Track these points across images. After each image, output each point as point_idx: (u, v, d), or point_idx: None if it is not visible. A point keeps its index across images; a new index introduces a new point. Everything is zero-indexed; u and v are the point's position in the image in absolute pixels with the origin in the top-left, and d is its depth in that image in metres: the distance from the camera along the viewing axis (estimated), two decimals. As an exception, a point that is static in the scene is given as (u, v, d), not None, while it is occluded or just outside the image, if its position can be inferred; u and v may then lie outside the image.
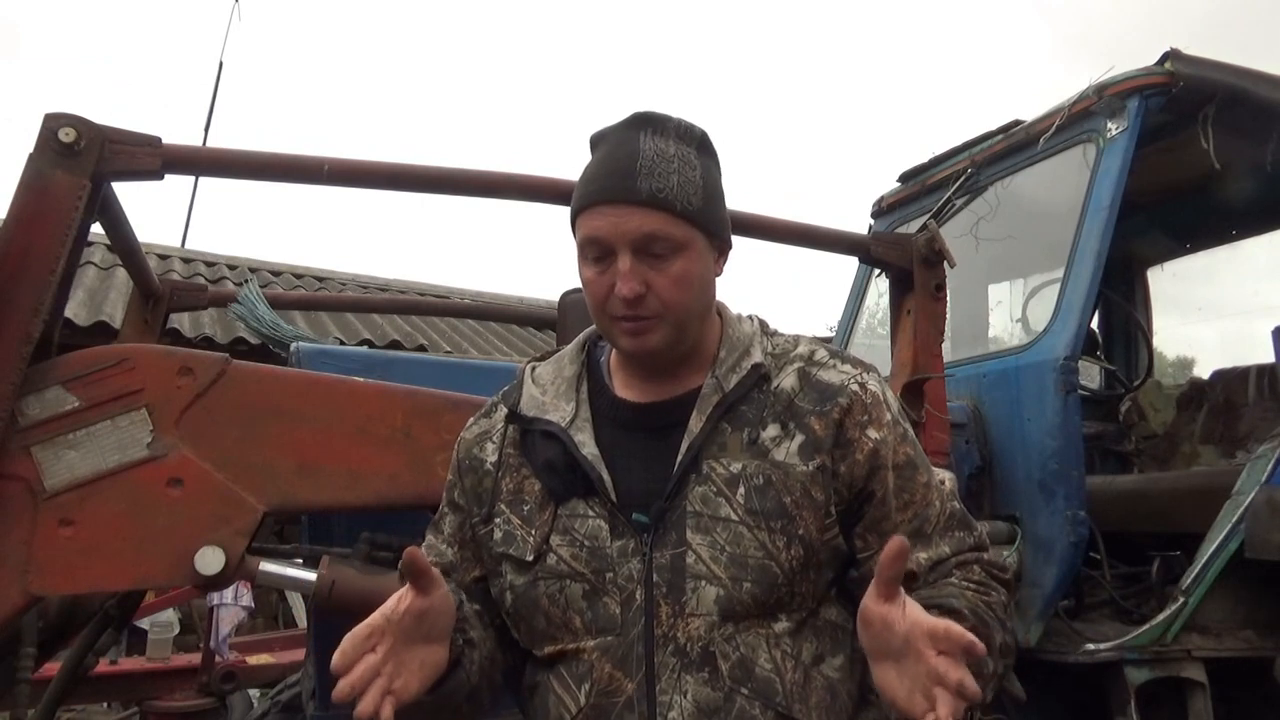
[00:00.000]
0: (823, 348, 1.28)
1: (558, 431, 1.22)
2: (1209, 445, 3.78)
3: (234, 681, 3.94)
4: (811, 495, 1.16)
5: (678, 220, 1.14)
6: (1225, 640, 2.65)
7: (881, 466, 1.19)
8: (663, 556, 1.15)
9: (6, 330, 1.57)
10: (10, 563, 1.57)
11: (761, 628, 1.14)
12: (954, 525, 1.25)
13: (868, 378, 1.24)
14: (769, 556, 1.14)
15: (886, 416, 1.22)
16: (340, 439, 1.75)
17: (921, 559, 1.21)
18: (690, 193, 1.16)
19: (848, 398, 1.20)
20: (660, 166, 1.15)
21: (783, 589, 1.14)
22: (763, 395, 1.21)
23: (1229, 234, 3.99)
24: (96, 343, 1.84)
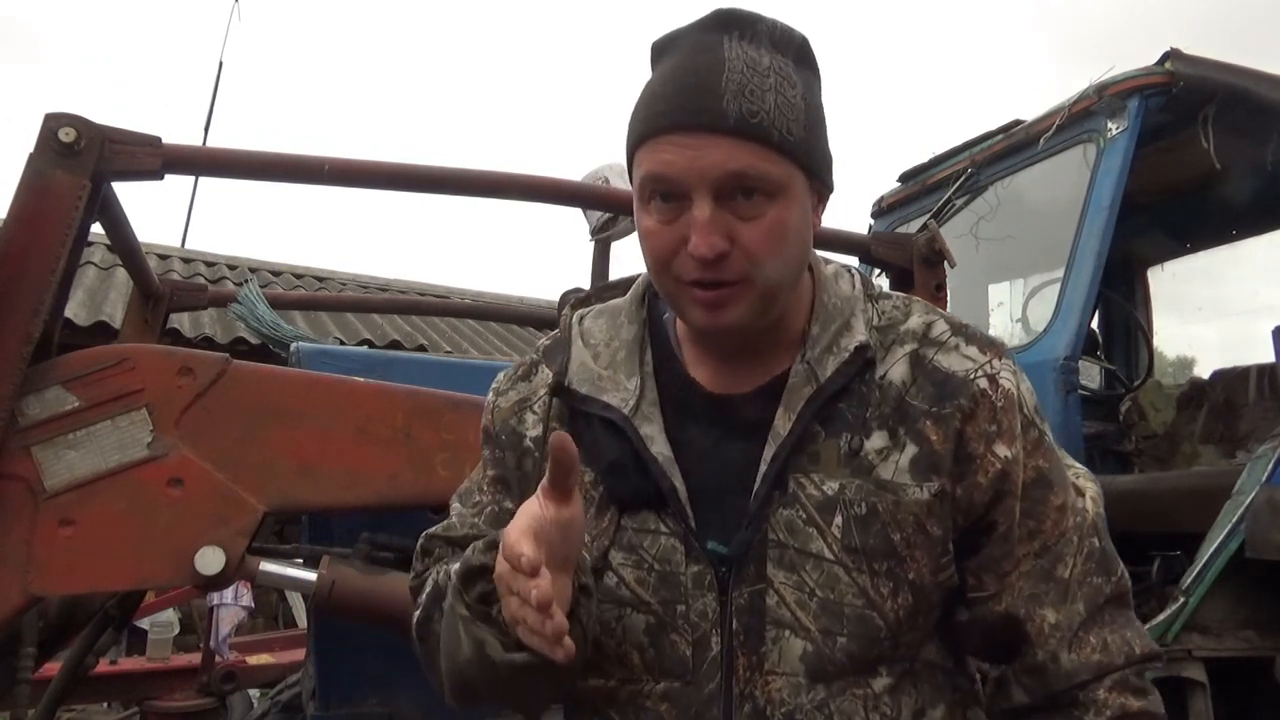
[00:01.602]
0: (941, 319, 0.99)
1: (620, 421, 0.96)
2: (1209, 445, 3.78)
3: (234, 681, 3.94)
4: (927, 530, 0.92)
5: (775, 155, 0.87)
6: (1225, 640, 2.64)
7: (1009, 493, 0.94)
8: (741, 595, 0.92)
9: (6, 330, 1.57)
10: (10, 563, 1.57)
11: (858, 688, 0.92)
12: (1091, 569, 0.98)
13: (1000, 365, 0.96)
14: (870, 605, 0.90)
15: (1020, 423, 0.95)
16: (340, 439, 1.75)
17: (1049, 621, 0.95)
18: (791, 118, 0.87)
19: (972, 399, 0.93)
20: (753, 83, 0.86)
21: (885, 643, 0.92)
22: (867, 388, 0.94)
23: (1229, 234, 3.99)
24: (96, 343, 1.84)
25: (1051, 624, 0.95)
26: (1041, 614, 0.95)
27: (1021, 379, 0.98)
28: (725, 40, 0.89)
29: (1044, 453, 0.98)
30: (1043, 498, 0.96)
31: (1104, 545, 1.00)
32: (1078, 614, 0.96)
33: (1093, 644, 0.96)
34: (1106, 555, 1.00)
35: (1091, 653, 0.96)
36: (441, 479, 1.78)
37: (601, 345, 1.02)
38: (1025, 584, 0.96)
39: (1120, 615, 0.98)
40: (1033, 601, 0.96)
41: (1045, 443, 0.98)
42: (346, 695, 2.06)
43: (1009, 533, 0.95)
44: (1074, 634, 0.96)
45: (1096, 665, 0.95)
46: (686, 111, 0.87)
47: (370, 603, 1.71)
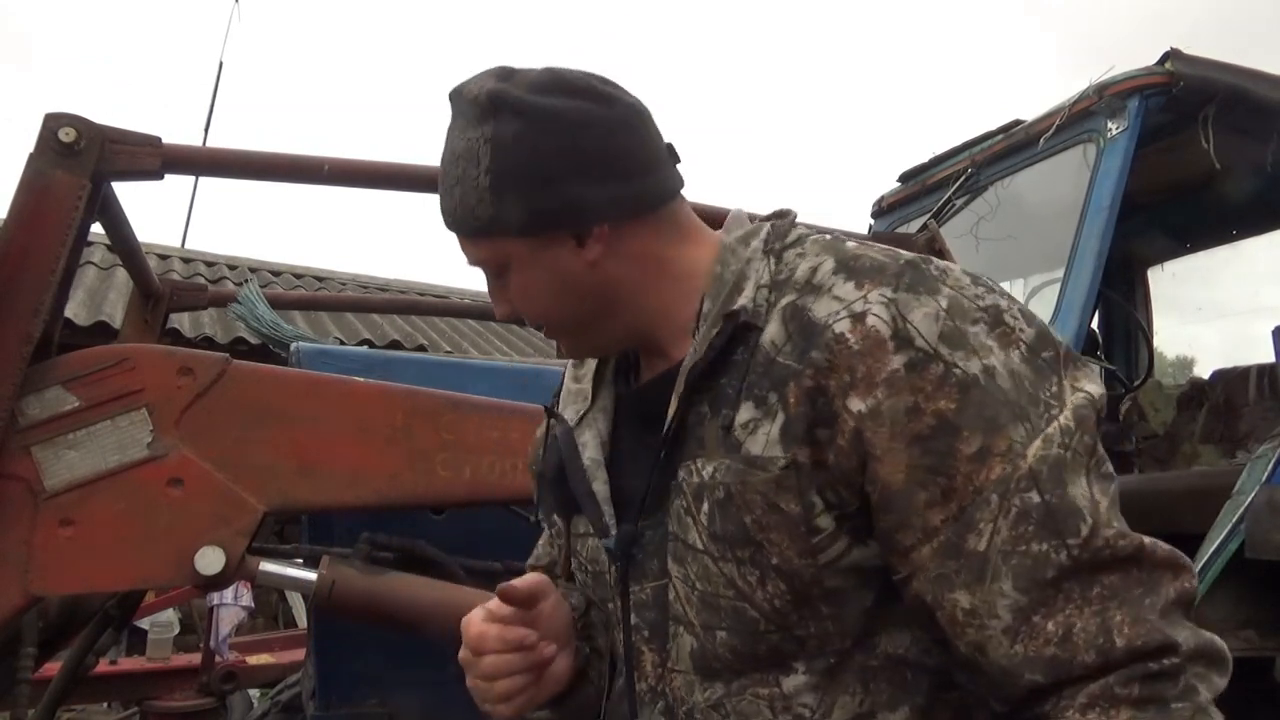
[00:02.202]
0: (833, 255, 0.86)
1: (561, 434, 0.99)
2: (1209, 445, 3.78)
3: (234, 681, 3.94)
4: (780, 509, 0.80)
5: (476, 243, 0.91)
6: (1225, 640, 2.63)
7: (870, 456, 0.78)
8: (643, 591, 0.90)
9: (6, 330, 1.57)
10: (10, 563, 1.57)
11: (763, 687, 0.84)
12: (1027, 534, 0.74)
13: (874, 298, 0.79)
14: (741, 596, 0.83)
15: (891, 366, 0.77)
16: (340, 439, 1.75)
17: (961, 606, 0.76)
18: (474, 203, 0.87)
19: (826, 349, 0.79)
20: (448, 178, 0.89)
21: (773, 635, 0.83)
22: (745, 356, 0.85)
23: (1229, 234, 3.99)
24: (96, 343, 1.84)
25: (965, 610, 0.76)
26: (952, 599, 0.76)
27: (912, 305, 0.79)
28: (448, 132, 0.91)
29: (952, 389, 0.76)
30: (949, 449, 0.76)
31: (1050, 498, 0.75)
32: (1003, 595, 0.74)
33: (1049, 633, 0.74)
34: (1054, 511, 0.74)
35: (1045, 644, 0.74)
36: (441, 479, 1.78)
37: (588, 361, 1.05)
38: (933, 562, 0.77)
39: (1092, 588, 0.74)
40: (940, 584, 0.77)
41: (955, 377, 0.76)
42: (346, 695, 2.06)
43: (891, 500, 0.78)
44: (1007, 621, 0.75)
45: (1051, 662, 0.73)
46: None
47: (370, 603, 1.71)
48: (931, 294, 0.80)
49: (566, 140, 0.86)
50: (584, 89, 0.88)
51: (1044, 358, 0.80)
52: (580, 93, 0.88)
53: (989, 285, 0.83)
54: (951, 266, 0.84)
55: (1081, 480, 0.76)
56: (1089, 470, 0.77)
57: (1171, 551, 0.77)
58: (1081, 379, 0.81)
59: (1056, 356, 0.81)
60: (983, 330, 0.79)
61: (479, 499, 1.84)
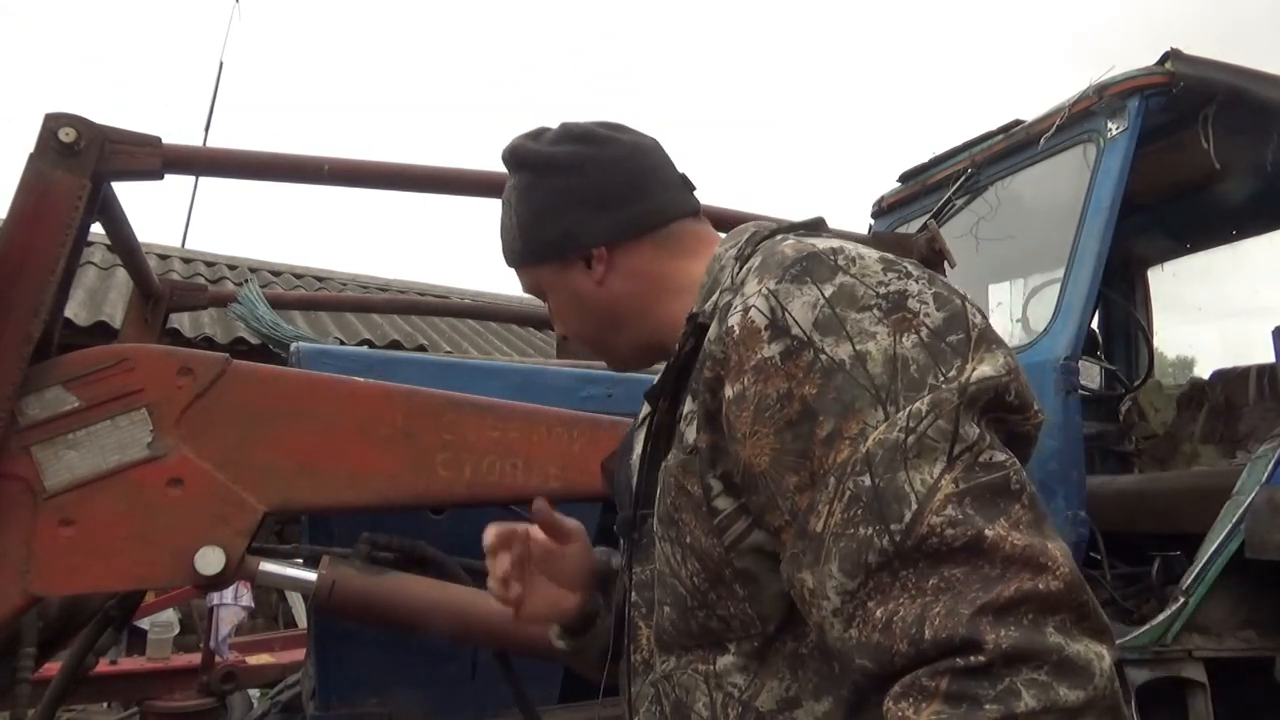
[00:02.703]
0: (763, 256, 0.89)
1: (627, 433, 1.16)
2: (1209, 445, 3.78)
3: (234, 681, 3.94)
4: (687, 491, 0.88)
5: (519, 272, 1.12)
6: (1225, 640, 2.64)
7: (733, 438, 0.82)
8: (643, 572, 1.00)
9: (6, 330, 1.57)
10: (10, 563, 1.57)
11: (700, 663, 0.91)
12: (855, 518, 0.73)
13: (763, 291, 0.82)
14: (673, 574, 0.92)
15: (762, 353, 0.79)
16: (340, 439, 1.75)
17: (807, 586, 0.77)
18: (510, 239, 1.10)
19: (720, 343, 0.84)
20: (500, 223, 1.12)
21: (699, 613, 0.89)
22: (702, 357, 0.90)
23: (1229, 234, 3.99)
24: (96, 343, 1.84)
25: (810, 589, 0.76)
26: (800, 578, 0.77)
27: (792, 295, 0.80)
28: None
29: (817, 376, 0.77)
30: (809, 433, 0.76)
31: (879, 481, 0.72)
32: (831, 576, 0.74)
33: (876, 619, 0.72)
34: (881, 495, 0.72)
35: (872, 631, 0.72)
36: (441, 479, 1.78)
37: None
38: (790, 543, 0.79)
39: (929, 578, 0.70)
40: (792, 563, 0.79)
41: (820, 364, 0.77)
42: (346, 695, 2.06)
43: (753, 481, 0.80)
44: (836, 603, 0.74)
45: (876, 649, 0.72)
46: None
47: (370, 603, 1.71)
48: (820, 282, 0.81)
49: (562, 181, 1.04)
50: (583, 135, 1.06)
51: (949, 341, 0.78)
52: (580, 139, 1.06)
53: (905, 271, 0.82)
54: (866, 254, 0.84)
55: (927, 467, 0.72)
56: (947, 457, 0.73)
57: (1033, 549, 0.70)
58: (983, 362, 0.77)
59: (966, 340, 0.78)
60: (870, 316, 0.78)
61: (479, 499, 1.84)
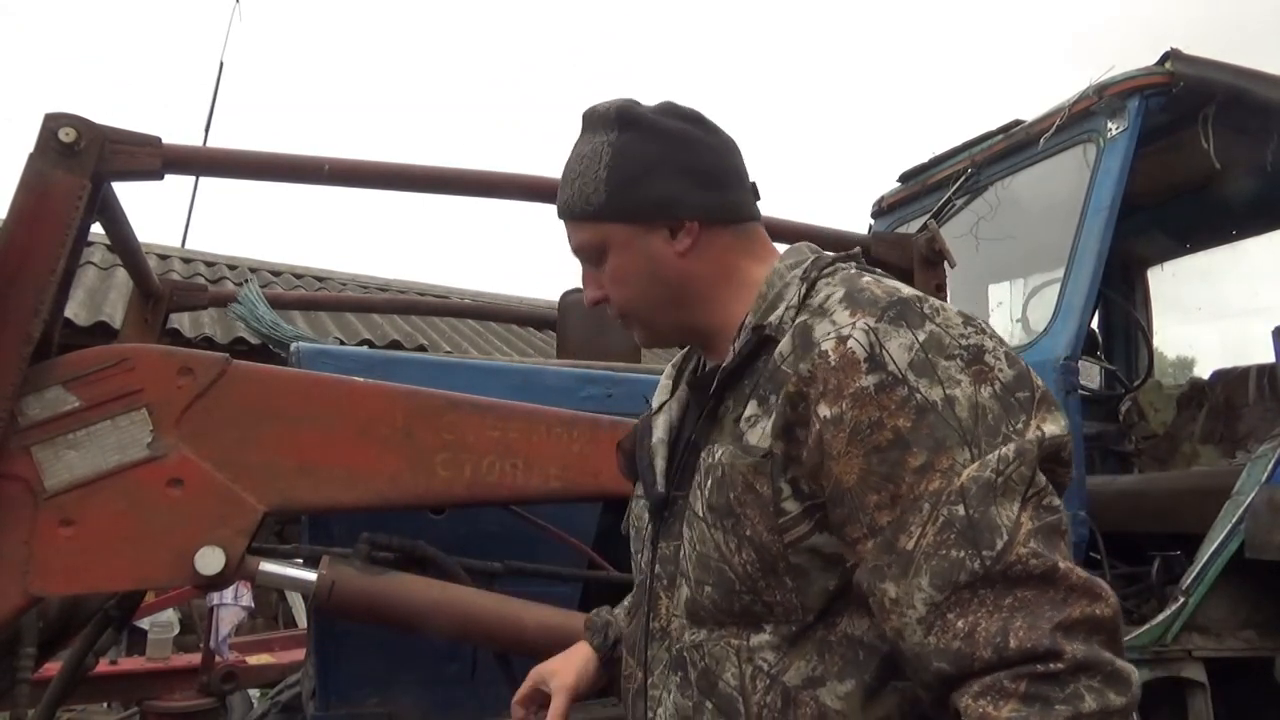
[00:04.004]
0: (846, 287, 1.00)
1: (642, 419, 1.23)
2: (1209, 445, 3.78)
3: (234, 681, 3.94)
4: (755, 490, 0.97)
5: (584, 225, 1.11)
6: (1225, 640, 2.64)
7: (828, 455, 0.91)
8: (668, 547, 1.10)
9: (6, 330, 1.57)
10: (10, 563, 1.57)
11: (734, 638, 1.01)
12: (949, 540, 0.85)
13: (861, 325, 0.93)
14: (723, 559, 1.00)
15: (859, 383, 0.90)
16: (340, 439, 1.75)
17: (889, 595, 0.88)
18: (590, 191, 1.09)
19: (810, 362, 0.94)
20: (571, 173, 1.12)
21: (745, 595, 0.99)
22: (765, 363, 1.02)
23: (1229, 234, 3.99)
24: (96, 343, 1.84)
25: (892, 599, 0.87)
26: (882, 588, 0.88)
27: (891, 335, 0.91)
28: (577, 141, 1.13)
29: (910, 412, 0.88)
30: (899, 460, 0.88)
31: (974, 513, 0.85)
32: (920, 589, 0.85)
33: (957, 628, 0.84)
34: (976, 525, 0.84)
35: (953, 638, 0.84)
36: (441, 479, 1.78)
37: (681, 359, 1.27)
38: (872, 554, 0.90)
39: (1005, 598, 0.83)
40: (875, 574, 0.89)
41: (915, 401, 0.89)
42: (346, 695, 2.06)
43: (842, 497, 0.91)
44: (921, 612, 0.85)
45: (956, 655, 0.84)
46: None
47: (370, 603, 1.71)
48: (913, 328, 0.93)
49: (671, 150, 1.08)
50: (693, 117, 1.12)
51: (1017, 396, 0.92)
52: (689, 119, 1.11)
53: (980, 328, 0.95)
54: (947, 308, 0.96)
55: (1010, 505, 0.86)
56: (1022, 498, 0.87)
57: (1092, 581, 0.85)
58: (1048, 420, 0.92)
59: (1031, 398, 0.92)
60: (955, 365, 0.91)
61: (479, 499, 1.84)
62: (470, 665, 2.00)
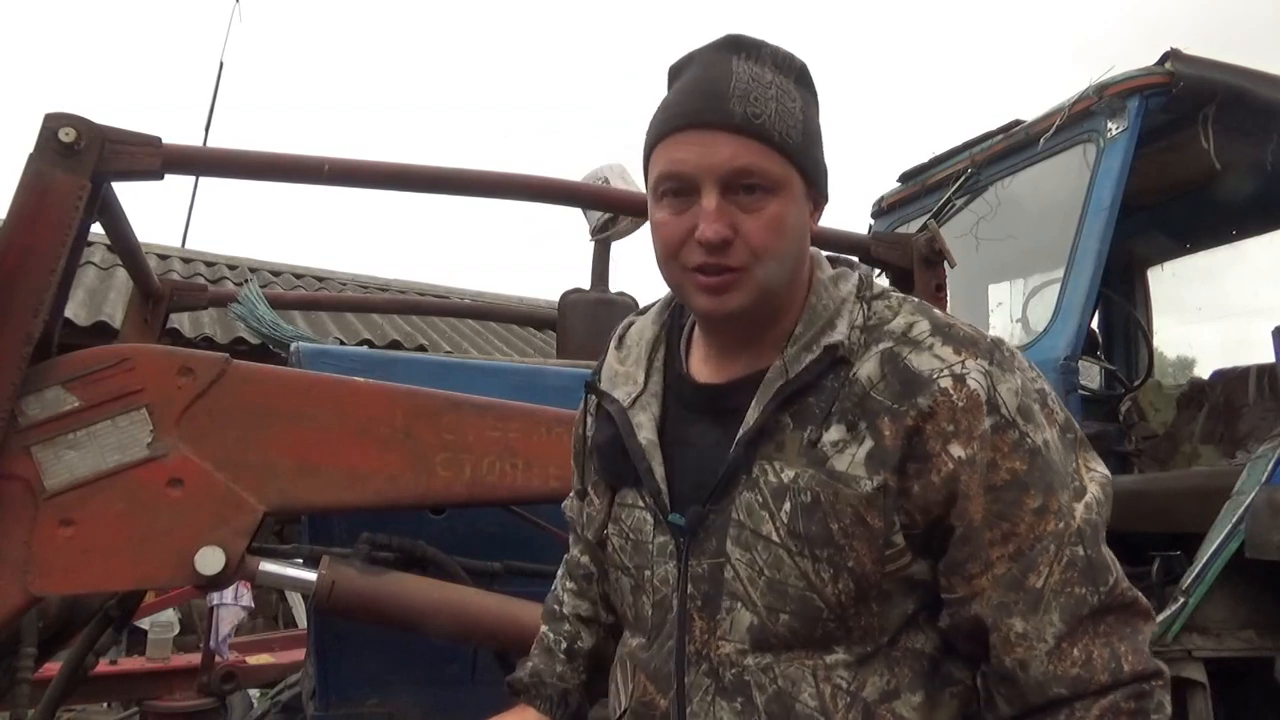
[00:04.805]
0: (927, 318, 1.01)
1: (615, 412, 1.11)
2: (1209, 445, 3.78)
3: (234, 681, 3.93)
4: (866, 522, 0.95)
5: (775, 154, 0.97)
6: (1225, 640, 2.64)
7: (962, 495, 0.95)
8: (700, 565, 1.02)
9: (6, 330, 1.57)
10: (10, 563, 1.57)
11: (808, 658, 0.98)
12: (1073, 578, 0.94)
13: (972, 366, 0.96)
14: (811, 588, 0.96)
15: (984, 425, 0.95)
16: (340, 439, 1.75)
17: (1015, 630, 0.94)
18: (790, 124, 0.98)
19: (931, 397, 0.95)
20: (756, 91, 0.98)
21: (830, 623, 0.97)
22: (836, 384, 0.99)
23: (1229, 234, 3.99)
24: (96, 343, 1.84)
25: (1018, 633, 0.94)
26: (1009, 623, 0.94)
27: (1004, 380, 0.97)
28: (734, 58, 1.00)
29: (1024, 455, 0.95)
30: (1017, 500, 0.94)
31: (1091, 553, 0.95)
32: (1050, 624, 0.93)
33: (1075, 657, 0.93)
34: (1093, 564, 0.95)
35: (1071, 666, 0.93)
36: (441, 479, 1.78)
37: (631, 345, 1.17)
38: (995, 591, 0.95)
39: (1116, 628, 0.94)
40: (1001, 610, 0.94)
41: (1027, 445, 0.96)
42: (346, 695, 2.06)
43: (970, 535, 0.95)
44: (1050, 645, 0.93)
45: (1074, 680, 0.92)
46: (698, 111, 0.98)
47: (370, 603, 1.71)
48: (1012, 372, 0.99)
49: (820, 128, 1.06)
50: None
51: (1068, 438, 1.01)
52: None
53: (1039, 372, 1.04)
54: (1016, 351, 1.03)
55: (1104, 543, 0.97)
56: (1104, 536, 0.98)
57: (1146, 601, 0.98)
58: (1092, 459, 1.02)
59: (1076, 439, 1.02)
60: (1043, 410, 0.99)
61: (479, 499, 1.84)
62: (470, 665, 2.00)
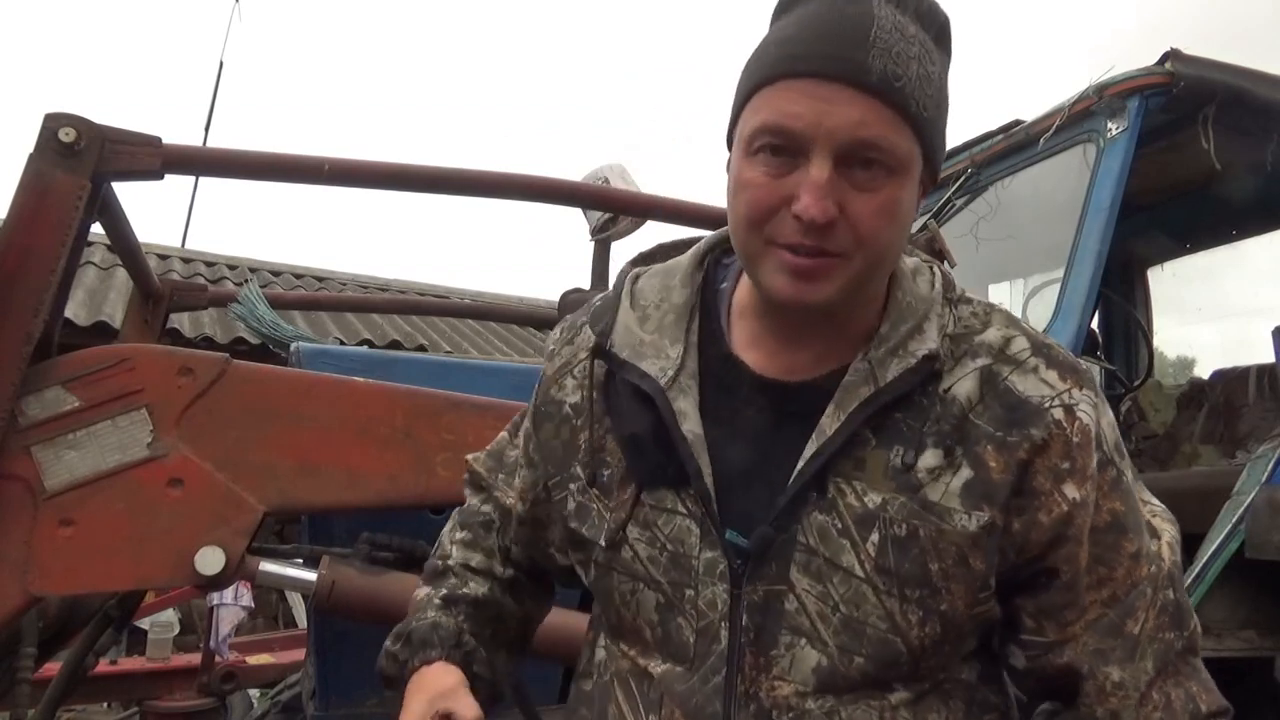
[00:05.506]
0: (1022, 334, 0.90)
1: (653, 393, 0.90)
2: (1209, 445, 3.78)
3: (234, 681, 3.93)
4: (968, 564, 0.85)
5: (908, 128, 0.80)
6: (1225, 640, 2.64)
7: (1073, 539, 0.87)
8: (755, 592, 0.87)
9: (6, 330, 1.57)
10: (10, 563, 1.57)
11: (873, 699, 0.87)
12: (1165, 624, 0.90)
13: (1079, 396, 0.87)
14: (895, 630, 0.85)
15: (1094, 462, 0.87)
16: (340, 439, 1.75)
17: (1112, 679, 0.88)
18: (928, 93, 0.81)
19: (1045, 430, 0.85)
20: (899, 46, 0.80)
21: (905, 666, 0.87)
22: (928, 400, 0.86)
23: (1229, 234, 3.99)
24: (96, 343, 1.84)
25: (1115, 682, 0.89)
26: (1105, 671, 0.89)
27: (1103, 412, 0.89)
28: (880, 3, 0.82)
29: (1121, 494, 0.89)
30: (1115, 544, 0.88)
31: (1179, 596, 0.92)
32: (1145, 672, 0.89)
33: (1155, 700, 0.89)
34: (1181, 608, 0.91)
35: (1154, 710, 0.89)
36: (441, 479, 1.78)
37: (651, 307, 0.96)
38: (1090, 637, 0.89)
39: (1187, 668, 0.92)
40: (1098, 657, 0.89)
41: (1123, 484, 0.90)
42: (346, 695, 2.06)
43: (1074, 581, 0.88)
44: (1145, 692, 0.89)
45: None
46: (826, 58, 0.79)
47: (370, 603, 1.71)
48: (1106, 404, 0.92)
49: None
50: None
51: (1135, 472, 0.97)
52: None
53: None
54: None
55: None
56: None
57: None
58: (1145, 491, 0.98)
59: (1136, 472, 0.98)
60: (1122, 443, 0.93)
61: (479, 499, 1.84)
62: (470, 665, 1.99)
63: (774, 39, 0.85)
